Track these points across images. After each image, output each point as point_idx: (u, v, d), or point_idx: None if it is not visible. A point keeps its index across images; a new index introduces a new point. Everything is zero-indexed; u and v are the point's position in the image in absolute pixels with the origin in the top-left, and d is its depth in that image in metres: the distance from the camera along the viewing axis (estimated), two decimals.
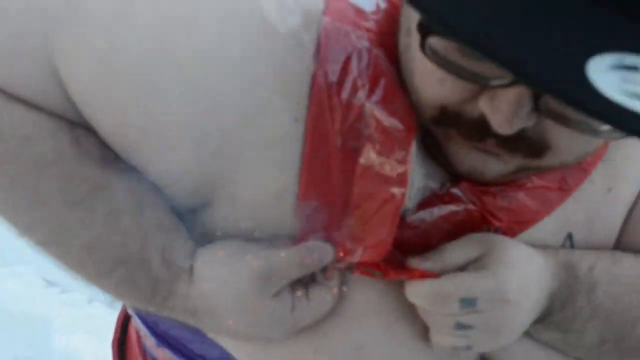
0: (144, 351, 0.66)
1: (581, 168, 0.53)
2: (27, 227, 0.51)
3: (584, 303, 0.51)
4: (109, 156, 0.49)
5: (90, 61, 0.46)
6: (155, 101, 0.46)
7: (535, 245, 0.52)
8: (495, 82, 0.38)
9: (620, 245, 0.56)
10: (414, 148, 0.47)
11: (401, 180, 0.46)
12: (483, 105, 0.40)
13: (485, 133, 0.41)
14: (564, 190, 0.52)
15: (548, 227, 0.53)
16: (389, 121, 0.45)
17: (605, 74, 0.30)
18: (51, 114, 0.48)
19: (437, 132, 0.46)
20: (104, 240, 0.48)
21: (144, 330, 0.59)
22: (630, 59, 0.31)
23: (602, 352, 0.54)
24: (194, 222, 0.51)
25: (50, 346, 2.14)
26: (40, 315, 2.32)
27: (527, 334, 0.54)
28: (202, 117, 0.46)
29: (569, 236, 0.54)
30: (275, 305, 0.47)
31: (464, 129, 0.43)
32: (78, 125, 0.49)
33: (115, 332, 0.76)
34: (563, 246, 0.54)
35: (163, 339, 0.56)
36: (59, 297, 2.51)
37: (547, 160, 0.44)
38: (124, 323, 0.76)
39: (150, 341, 0.59)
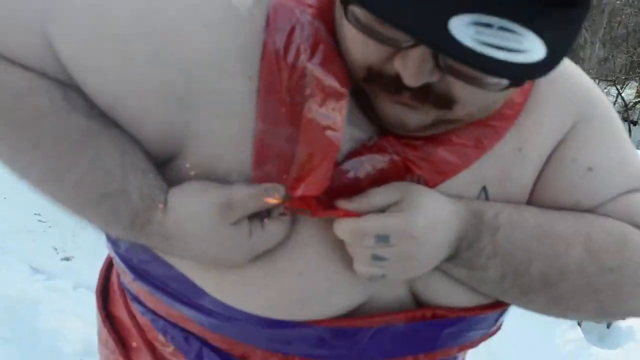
0: (122, 290, 0.75)
1: (495, 131, 0.61)
2: (24, 170, 0.58)
3: (487, 243, 0.59)
4: (95, 111, 0.58)
5: (79, 33, 0.55)
6: (131, 62, 0.55)
7: (452, 195, 0.60)
8: (404, 44, 0.48)
9: (531, 203, 0.64)
10: (347, 101, 0.56)
11: (337, 127, 0.54)
12: (397, 64, 0.49)
13: (400, 87, 0.50)
14: (479, 148, 0.60)
15: (465, 180, 0.61)
16: (327, 79, 0.55)
17: (465, 28, 0.41)
18: (45, 75, 0.57)
19: (367, 89, 0.54)
20: (90, 178, 0.56)
21: (122, 268, 0.68)
22: (486, 18, 0.41)
23: (504, 288, 0.62)
24: (168, 169, 0.60)
25: (36, 328, 2.19)
26: (25, 300, 2.37)
27: (444, 272, 0.62)
28: (170, 75, 0.55)
29: (484, 189, 0.62)
30: (234, 231, 0.55)
31: (385, 85, 0.51)
32: (68, 85, 0.57)
33: (98, 282, 0.85)
34: (478, 198, 0.62)
35: (137, 273, 0.65)
36: (44, 283, 2.57)
37: (457, 112, 0.53)
38: (106, 274, 0.85)
39: (127, 277, 0.68)
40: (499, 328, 0.74)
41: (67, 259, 2.83)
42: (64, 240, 2.96)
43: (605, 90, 10.93)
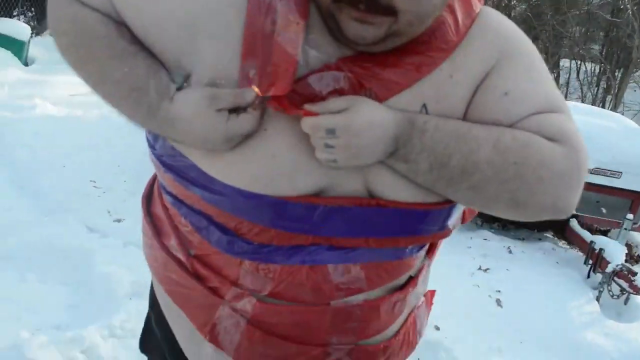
0: (159, 191, 0.96)
1: (433, 60, 0.77)
2: (86, 75, 0.82)
3: (417, 142, 0.75)
4: (135, 39, 0.81)
5: None
6: (157, 2, 0.78)
7: (398, 109, 0.77)
8: None
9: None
10: (303, 28, 0.74)
11: (296, 46, 0.73)
12: None
13: (357, 2, 0.69)
14: (420, 72, 0.77)
15: (408, 97, 0.77)
16: (289, 13, 0.73)
17: None
18: (104, 14, 0.80)
19: (335, 11, 0.72)
20: (125, 79, 0.78)
21: (157, 164, 0.88)
22: None
23: (433, 178, 0.77)
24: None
25: (91, 274, 2.47)
26: (82, 252, 2.66)
27: (390, 167, 0.78)
28: (180, 11, 0.77)
29: (424, 106, 0.78)
30: (215, 115, 0.74)
31: (347, 1, 0.69)
32: (118, 21, 0.80)
33: (145, 190, 1.06)
34: (420, 113, 0.78)
35: (166, 166, 0.86)
36: (98, 241, 2.85)
37: (402, 21, 0.70)
38: (151, 185, 1.06)
39: (160, 171, 0.88)
40: (448, 232, 0.88)
41: (118, 220, 3.13)
42: (115, 205, 3.27)
43: None
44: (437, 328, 2.57)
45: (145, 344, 1.14)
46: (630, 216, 3.40)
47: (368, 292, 0.85)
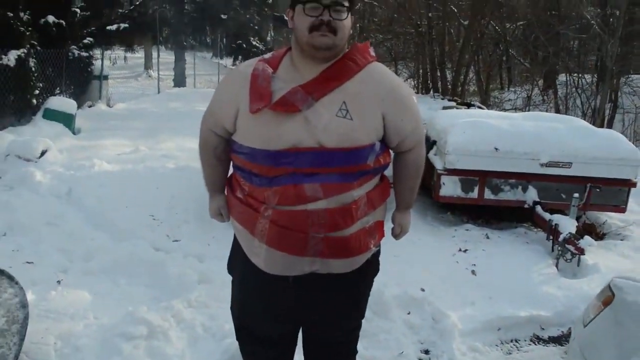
0: (234, 173, 1.87)
1: (344, 78, 1.68)
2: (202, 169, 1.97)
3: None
4: (222, 155, 1.90)
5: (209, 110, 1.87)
6: (220, 104, 1.84)
7: (326, 103, 1.65)
8: (323, 3, 1.65)
9: (385, 123, 1.73)
10: (271, 78, 1.69)
11: (269, 83, 1.68)
12: (323, 15, 1.65)
13: (321, 25, 1.64)
14: (341, 80, 1.67)
15: (334, 96, 1.66)
16: (265, 67, 1.72)
17: None
18: (218, 137, 1.88)
19: (309, 39, 1.64)
20: (206, 175, 1.97)
21: (233, 155, 1.81)
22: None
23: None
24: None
25: (166, 275, 3.39)
26: (154, 263, 3.57)
27: (330, 134, 1.67)
28: (232, 103, 1.76)
29: (344, 102, 1.65)
30: (214, 214, 2.01)
31: (317, 27, 1.63)
32: (221, 141, 1.88)
33: (228, 178, 1.98)
34: (340, 108, 1.65)
35: (233, 151, 1.78)
36: (164, 255, 3.76)
37: (339, 36, 1.65)
38: (230, 176, 1.97)
39: (233, 155, 1.81)
40: (368, 166, 1.72)
41: (176, 240, 4.07)
42: (172, 230, 4.21)
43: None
44: (423, 290, 3.41)
45: (229, 265, 2.03)
46: (576, 195, 4.23)
47: (326, 201, 1.69)
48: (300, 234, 1.70)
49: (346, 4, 1.66)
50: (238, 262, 1.91)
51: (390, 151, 1.86)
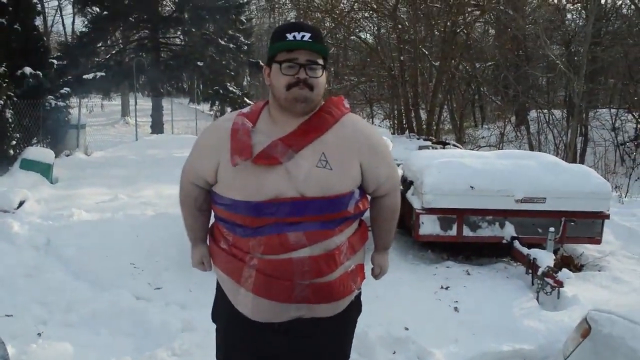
0: (216, 224, 1.89)
1: (326, 125, 1.76)
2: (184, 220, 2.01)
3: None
4: (203, 206, 1.95)
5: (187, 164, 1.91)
6: (200, 159, 1.88)
7: (307, 155, 1.72)
8: (300, 61, 1.71)
9: (363, 171, 1.81)
10: (250, 132, 1.75)
11: (249, 136, 1.74)
12: (300, 74, 1.71)
13: (299, 82, 1.69)
14: (319, 132, 1.75)
15: (313, 148, 1.73)
16: (244, 121, 1.78)
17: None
18: (199, 189, 1.92)
19: (286, 95, 1.71)
20: (188, 225, 2.00)
21: (214, 207, 1.86)
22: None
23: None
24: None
25: (148, 324, 3.36)
26: (136, 312, 3.55)
27: (310, 183, 1.75)
28: (214, 157, 1.80)
29: (323, 153, 1.73)
30: (197, 264, 2.04)
31: (295, 84, 1.70)
32: (201, 192, 1.92)
33: (210, 229, 2.01)
34: (320, 159, 1.72)
35: (215, 203, 1.84)
36: (146, 304, 3.74)
37: (315, 92, 1.72)
38: (211, 225, 2.00)
39: (215, 208, 1.86)
40: (347, 213, 1.79)
41: (158, 288, 4.04)
42: (153, 278, 4.18)
43: None
44: (407, 329, 3.43)
45: (213, 313, 2.03)
46: (552, 229, 4.33)
47: (310, 249, 1.74)
48: (286, 282, 1.74)
49: (321, 62, 1.74)
50: (222, 310, 1.93)
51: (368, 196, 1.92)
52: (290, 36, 1.72)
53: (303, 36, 1.71)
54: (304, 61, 1.71)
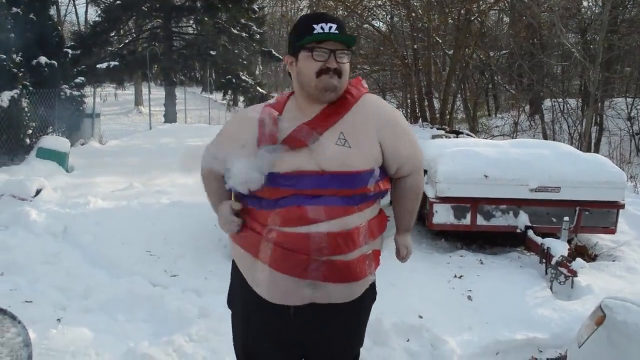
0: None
1: (342, 112, 1.78)
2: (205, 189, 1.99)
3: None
4: (220, 183, 1.90)
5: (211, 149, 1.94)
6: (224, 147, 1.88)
7: (328, 136, 1.75)
8: (330, 49, 1.75)
9: (383, 150, 1.82)
10: (276, 120, 1.78)
11: (275, 125, 1.77)
12: (329, 62, 1.74)
13: (329, 70, 1.73)
14: (339, 114, 1.78)
15: (334, 130, 1.76)
16: (271, 111, 1.81)
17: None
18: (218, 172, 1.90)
19: (316, 83, 1.74)
20: (212, 194, 1.96)
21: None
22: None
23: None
24: None
25: (165, 310, 3.41)
26: (152, 298, 3.60)
27: (331, 160, 1.75)
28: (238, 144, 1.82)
29: (342, 133, 1.75)
30: (226, 220, 1.86)
31: (325, 71, 1.72)
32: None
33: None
34: (339, 138, 1.75)
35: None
36: (162, 290, 3.79)
37: (342, 80, 1.76)
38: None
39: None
40: (367, 190, 1.80)
41: (174, 275, 4.09)
42: (169, 265, 4.24)
43: None
44: (421, 317, 3.45)
45: (229, 299, 2.06)
46: (566, 218, 4.32)
47: (328, 224, 1.76)
48: (302, 256, 1.76)
49: (347, 51, 1.78)
50: (238, 296, 1.96)
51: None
52: (318, 27, 1.75)
53: (330, 27, 1.75)
54: (334, 47, 1.75)
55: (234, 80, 18.48)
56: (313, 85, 1.76)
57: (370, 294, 1.99)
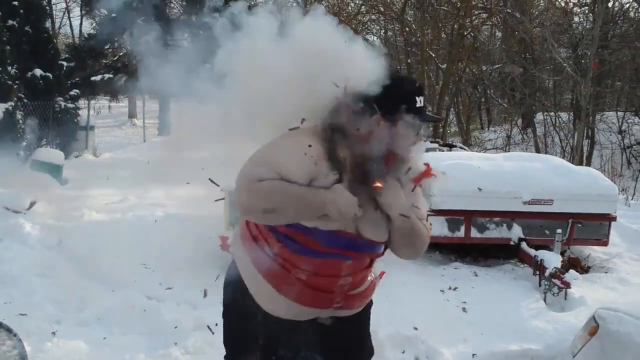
0: (252, 228, 1.88)
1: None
2: (278, 206, 1.71)
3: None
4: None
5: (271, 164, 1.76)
6: (289, 167, 1.72)
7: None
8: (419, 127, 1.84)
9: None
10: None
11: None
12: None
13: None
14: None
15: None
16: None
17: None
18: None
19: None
20: (299, 206, 1.71)
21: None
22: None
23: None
24: None
25: (161, 322, 3.41)
26: (148, 311, 3.60)
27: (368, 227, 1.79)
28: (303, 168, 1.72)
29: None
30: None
31: None
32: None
33: (246, 232, 1.94)
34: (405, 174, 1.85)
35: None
36: (157, 304, 3.79)
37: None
38: (247, 229, 1.99)
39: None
40: (382, 253, 1.89)
41: (169, 288, 4.09)
42: (164, 278, 4.23)
43: None
44: (416, 328, 3.47)
45: (225, 311, 2.06)
46: (559, 231, 4.36)
47: (354, 275, 1.85)
48: (328, 295, 1.85)
49: None
50: (235, 306, 1.96)
51: None
52: (419, 101, 1.79)
53: (421, 100, 1.80)
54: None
55: None
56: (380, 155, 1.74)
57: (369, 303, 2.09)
